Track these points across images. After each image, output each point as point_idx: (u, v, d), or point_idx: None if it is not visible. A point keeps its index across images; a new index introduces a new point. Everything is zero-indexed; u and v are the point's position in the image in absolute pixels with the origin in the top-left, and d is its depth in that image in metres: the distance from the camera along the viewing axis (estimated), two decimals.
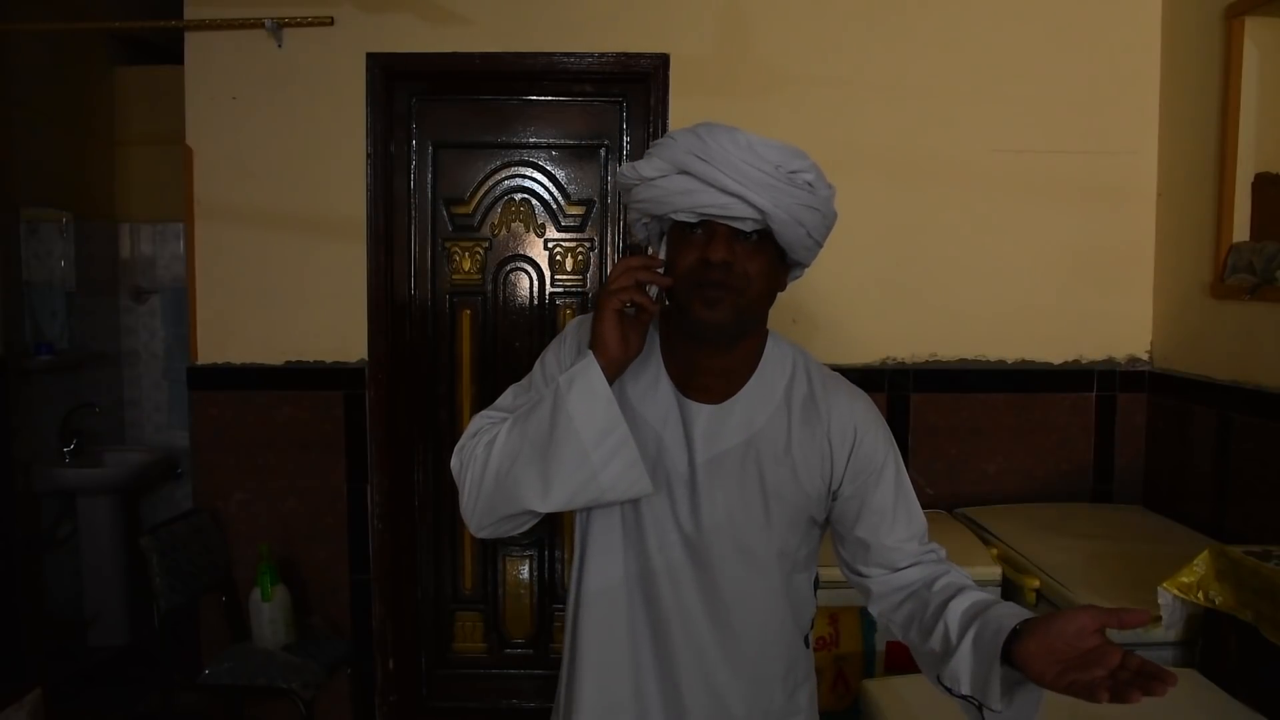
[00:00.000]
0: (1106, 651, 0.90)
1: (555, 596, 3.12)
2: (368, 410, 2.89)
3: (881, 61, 2.82)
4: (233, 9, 2.77)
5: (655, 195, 1.12)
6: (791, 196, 1.09)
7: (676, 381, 1.23)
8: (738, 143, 1.08)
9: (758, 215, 1.09)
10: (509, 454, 1.14)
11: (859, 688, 1.94)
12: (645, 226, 1.21)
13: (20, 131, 3.35)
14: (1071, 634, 0.94)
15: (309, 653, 2.70)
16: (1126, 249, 2.88)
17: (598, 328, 1.13)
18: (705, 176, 1.08)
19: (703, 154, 1.08)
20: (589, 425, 1.10)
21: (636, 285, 1.11)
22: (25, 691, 2.30)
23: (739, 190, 1.07)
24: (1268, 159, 2.44)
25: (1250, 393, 2.38)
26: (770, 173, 1.08)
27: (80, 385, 3.68)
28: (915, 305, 2.88)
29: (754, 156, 1.08)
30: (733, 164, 1.07)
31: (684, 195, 1.10)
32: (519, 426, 1.14)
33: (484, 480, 1.15)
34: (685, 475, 1.21)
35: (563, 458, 1.10)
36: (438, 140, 2.97)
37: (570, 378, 1.12)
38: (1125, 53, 2.83)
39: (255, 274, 2.86)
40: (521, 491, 1.12)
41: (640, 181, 1.14)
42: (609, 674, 1.24)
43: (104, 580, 3.61)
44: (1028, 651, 0.96)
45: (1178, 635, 1.97)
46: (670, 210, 1.12)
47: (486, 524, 1.18)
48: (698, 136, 1.09)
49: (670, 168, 1.11)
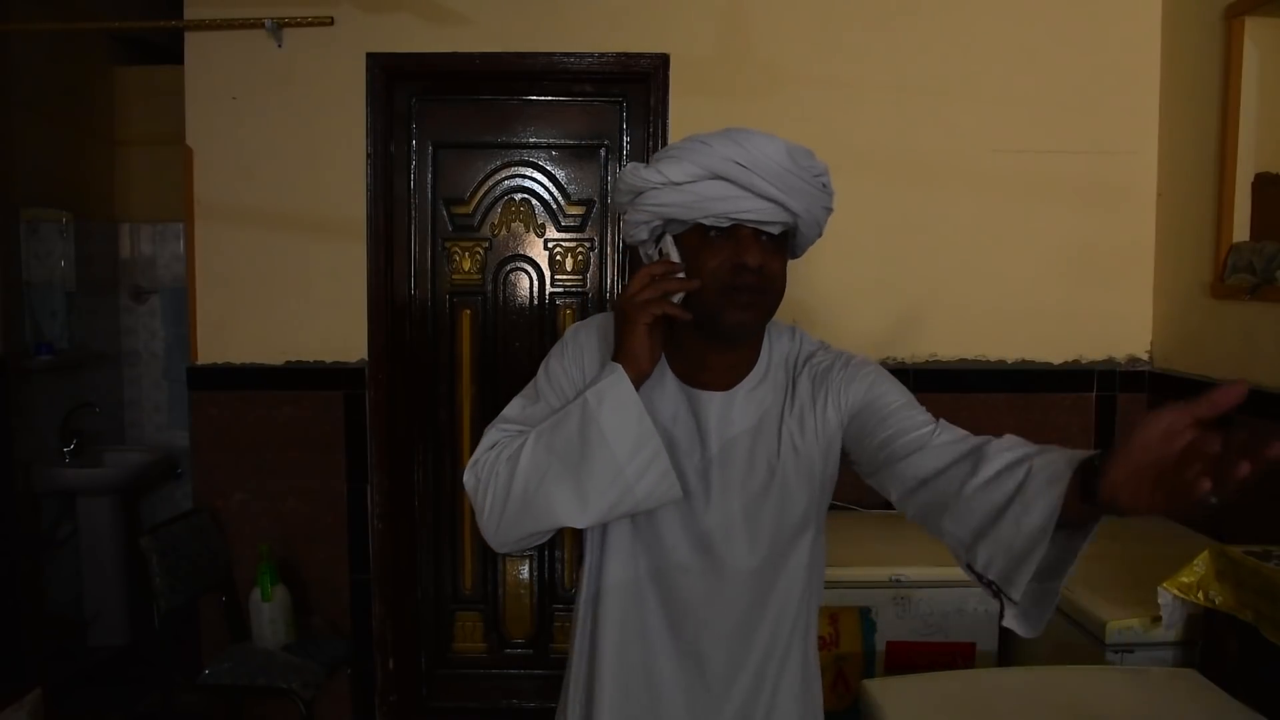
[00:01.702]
0: (1205, 440, 0.74)
1: (555, 596, 3.12)
2: (368, 410, 2.89)
3: (881, 61, 2.82)
4: (233, 9, 2.77)
5: (684, 200, 1.11)
6: (816, 199, 1.12)
7: (682, 376, 1.23)
8: (778, 149, 1.09)
9: (791, 219, 1.10)
10: (537, 470, 1.12)
11: (859, 688, 1.94)
12: (650, 229, 1.19)
13: (20, 131, 3.35)
14: (1157, 441, 0.78)
15: (309, 653, 2.70)
16: (1126, 249, 2.88)
17: (627, 342, 1.12)
18: (744, 182, 1.08)
19: (743, 160, 1.08)
20: (622, 440, 1.09)
21: (664, 297, 1.11)
22: (25, 691, 2.30)
23: (778, 196, 1.08)
24: (1268, 159, 2.44)
25: (1250, 393, 2.38)
26: (803, 177, 1.10)
27: (80, 385, 3.68)
28: (915, 305, 2.88)
29: (791, 163, 1.09)
30: (773, 170, 1.08)
31: (719, 201, 1.10)
32: (544, 441, 1.13)
33: (510, 498, 1.13)
34: (699, 465, 1.21)
35: (596, 473, 1.09)
36: (438, 140, 2.97)
37: (600, 393, 1.11)
38: (1125, 53, 2.84)
39: (255, 274, 2.86)
40: (556, 508, 1.11)
41: (664, 184, 1.12)
42: (629, 667, 1.24)
43: (104, 580, 3.61)
44: (1114, 484, 0.80)
45: (1178, 635, 1.96)
46: (701, 215, 1.11)
47: (511, 539, 1.16)
48: (736, 143, 1.09)
49: (703, 173, 1.10)
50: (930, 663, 2.29)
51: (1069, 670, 1.95)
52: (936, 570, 2.31)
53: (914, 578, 2.30)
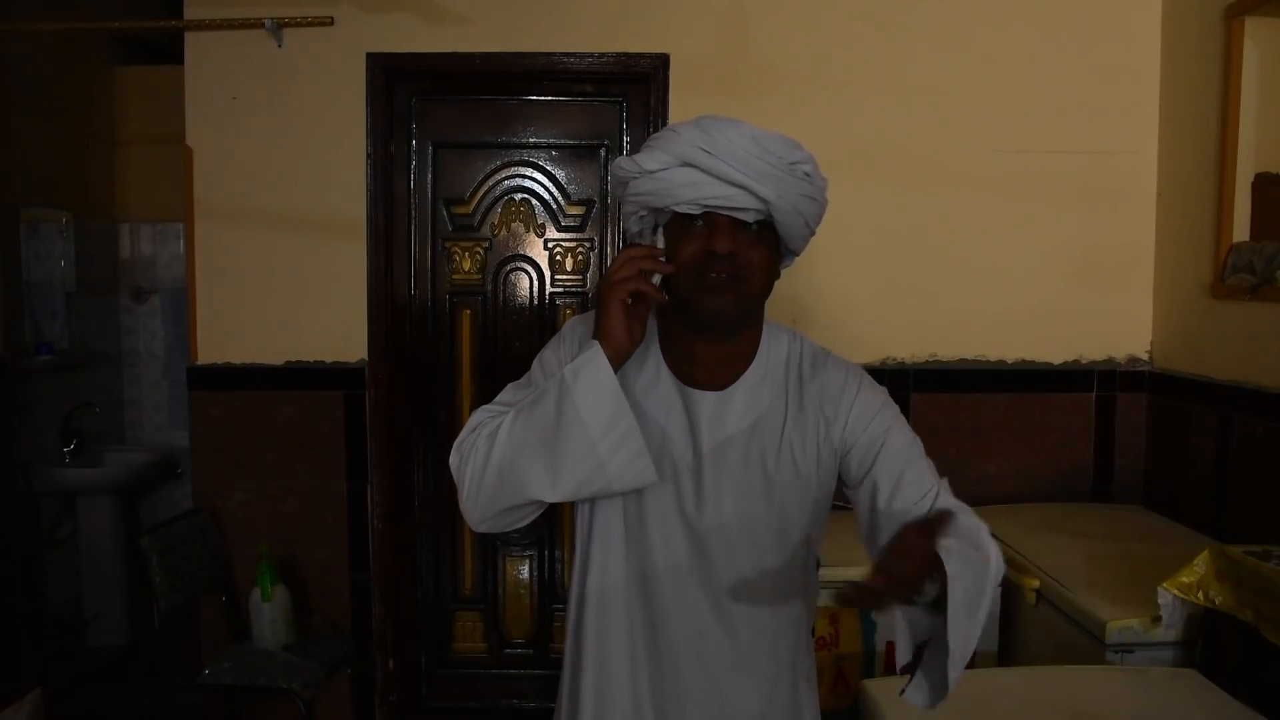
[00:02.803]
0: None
1: (555, 596, 3.12)
2: (368, 410, 2.89)
3: (881, 61, 2.82)
4: (233, 9, 2.77)
5: (657, 188, 1.13)
6: (793, 187, 1.11)
7: (677, 372, 1.23)
8: (742, 134, 1.09)
9: (761, 205, 1.10)
10: (514, 446, 1.13)
11: (859, 688, 1.94)
12: (641, 219, 1.21)
13: (20, 131, 3.35)
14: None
15: (309, 653, 2.70)
16: (1126, 249, 2.88)
17: (603, 318, 1.13)
18: (710, 168, 1.09)
19: (708, 146, 1.09)
20: (596, 416, 1.09)
21: (640, 275, 1.12)
22: (25, 691, 2.30)
23: (744, 181, 1.08)
24: (1268, 159, 2.44)
25: (1250, 393, 2.38)
26: (773, 164, 1.09)
27: (80, 385, 3.68)
28: (915, 305, 2.88)
29: (757, 148, 1.09)
30: (738, 155, 1.08)
31: (688, 187, 1.11)
32: (522, 418, 1.14)
33: (486, 473, 1.14)
34: (691, 464, 1.21)
35: (569, 448, 1.10)
36: (438, 140, 2.97)
37: (576, 368, 1.11)
38: (1125, 53, 2.83)
39: (255, 274, 2.86)
40: (528, 482, 1.12)
41: (641, 174, 1.14)
42: (608, 676, 1.24)
43: (104, 580, 3.61)
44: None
45: (1178, 635, 1.96)
46: (673, 202, 1.13)
47: (488, 516, 1.17)
48: (702, 129, 1.10)
49: (673, 160, 1.11)
50: None
51: (1069, 670, 1.95)
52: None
53: None
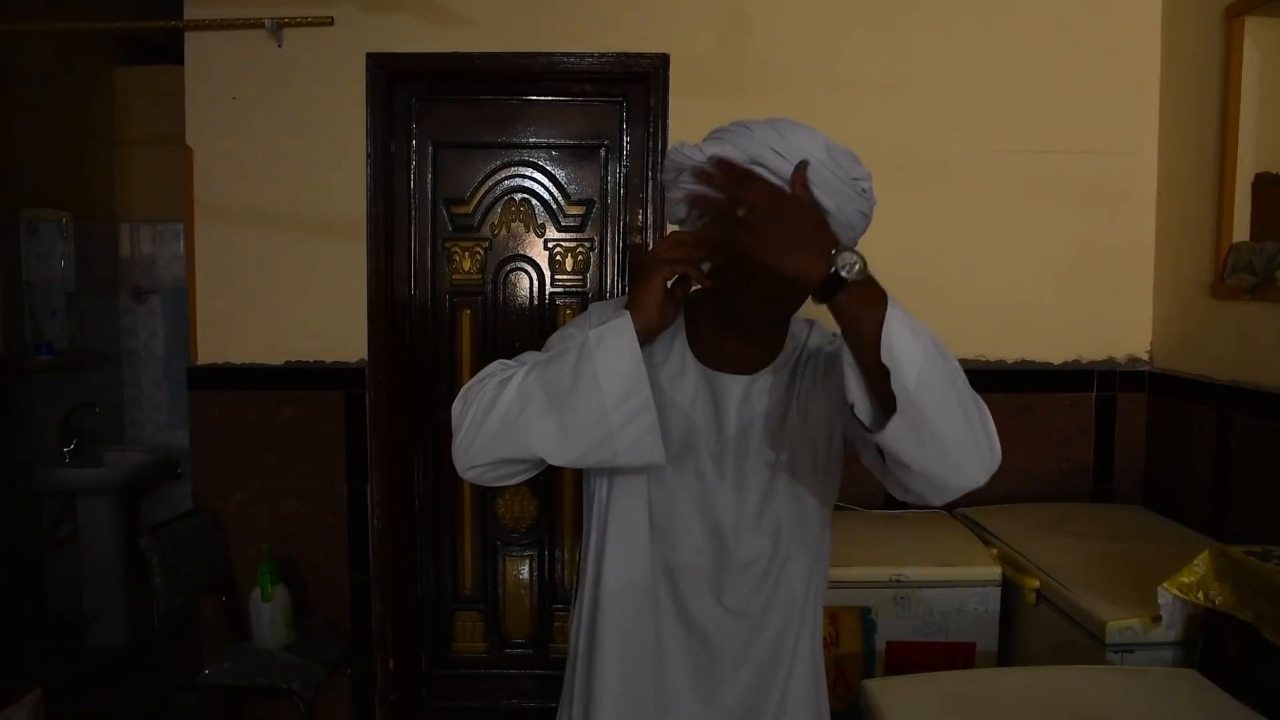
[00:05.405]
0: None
1: (555, 596, 3.12)
2: (368, 410, 2.89)
3: (881, 61, 2.82)
4: (233, 9, 2.77)
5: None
6: (852, 202, 1.12)
7: (704, 361, 1.23)
8: (817, 143, 1.09)
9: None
10: (523, 398, 1.11)
11: (859, 688, 1.94)
12: (690, 208, 1.18)
13: (20, 131, 3.35)
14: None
15: (309, 653, 2.70)
16: (1126, 249, 2.88)
17: (641, 292, 1.11)
18: (779, 171, 1.08)
19: (781, 149, 1.08)
20: (613, 384, 1.07)
21: (689, 260, 1.10)
22: (25, 691, 2.30)
23: (810, 189, 1.08)
24: (1268, 159, 2.44)
25: (1250, 393, 2.38)
26: (840, 176, 1.09)
27: (80, 385, 3.68)
28: (915, 305, 2.82)
29: (829, 159, 1.09)
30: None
31: None
32: (537, 372, 1.12)
33: (488, 419, 1.12)
34: (715, 449, 1.21)
35: (581, 411, 1.08)
36: (438, 140, 2.97)
37: (601, 334, 1.09)
38: (1125, 53, 2.83)
39: (255, 274, 2.86)
40: (533, 437, 1.10)
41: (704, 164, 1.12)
42: (634, 670, 1.22)
43: (104, 580, 3.61)
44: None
45: (1178, 635, 1.96)
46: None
47: (479, 463, 1.14)
48: (777, 131, 1.09)
49: (742, 157, 1.09)
50: (930, 663, 2.29)
51: (1069, 670, 1.95)
52: (936, 570, 2.31)
53: (914, 578, 2.30)
